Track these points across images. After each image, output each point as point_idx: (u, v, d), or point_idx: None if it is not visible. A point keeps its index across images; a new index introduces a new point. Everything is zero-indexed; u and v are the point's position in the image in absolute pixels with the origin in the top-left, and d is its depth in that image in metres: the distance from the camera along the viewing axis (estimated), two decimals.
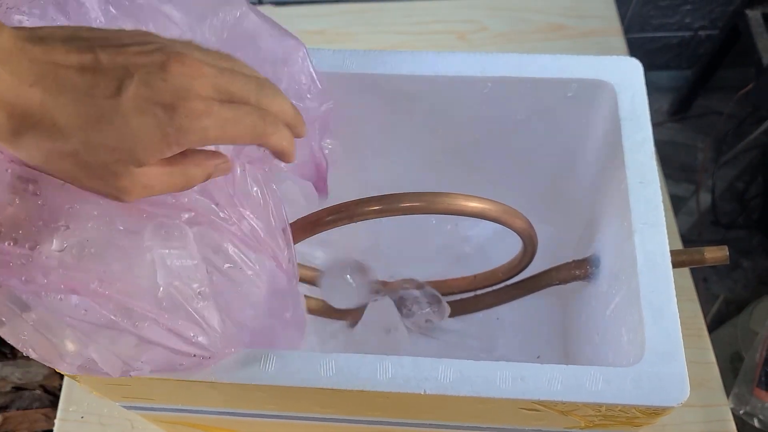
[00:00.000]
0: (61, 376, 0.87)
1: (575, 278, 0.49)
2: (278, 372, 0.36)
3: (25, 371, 0.85)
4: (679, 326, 0.37)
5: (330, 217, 0.43)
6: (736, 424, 0.58)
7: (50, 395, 0.86)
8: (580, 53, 0.47)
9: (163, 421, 0.48)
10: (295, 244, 0.44)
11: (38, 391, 0.86)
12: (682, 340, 0.37)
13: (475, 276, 0.54)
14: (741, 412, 0.85)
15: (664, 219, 0.40)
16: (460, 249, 0.62)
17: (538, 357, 0.58)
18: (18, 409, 0.84)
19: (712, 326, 1.06)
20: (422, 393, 0.36)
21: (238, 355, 0.36)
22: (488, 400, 0.36)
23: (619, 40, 0.82)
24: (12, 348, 0.90)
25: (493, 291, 0.55)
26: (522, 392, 0.35)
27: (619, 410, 0.36)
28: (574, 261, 0.49)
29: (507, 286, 0.54)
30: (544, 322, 0.59)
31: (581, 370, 0.36)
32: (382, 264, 0.59)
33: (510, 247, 0.52)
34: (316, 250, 0.60)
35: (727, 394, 0.61)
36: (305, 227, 0.44)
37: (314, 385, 0.36)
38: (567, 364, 0.37)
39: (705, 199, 1.22)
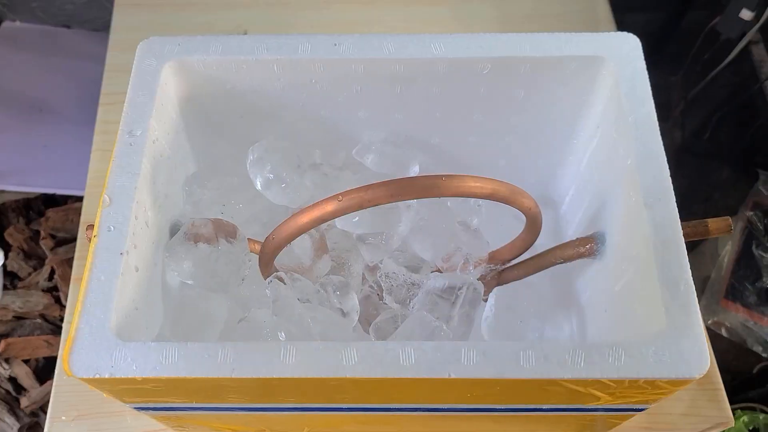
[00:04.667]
0: (61, 306, 0.88)
1: (580, 256, 0.49)
2: (299, 363, 0.36)
3: (26, 300, 0.86)
4: (696, 298, 0.37)
5: (339, 205, 0.42)
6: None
7: (51, 324, 0.86)
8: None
9: (175, 420, 0.47)
10: (300, 235, 0.44)
11: (39, 320, 0.86)
12: (699, 311, 0.37)
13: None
14: (709, 322, 0.93)
15: (672, 192, 0.41)
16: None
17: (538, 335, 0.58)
18: (20, 336, 0.84)
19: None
20: (447, 377, 0.36)
21: (258, 348, 0.36)
22: (512, 380, 0.36)
23: None
24: (12, 278, 0.91)
25: (496, 272, 0.55)
26: (546, 371, 0.36)
27: (642, 383, 0.36)
28: (578, 239, 0.49)
29: (509, 266, 0.54)
30: (545, 301, 0.60)
31: (603, 346, 0.36)
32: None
33: (503, 228, 0.52)
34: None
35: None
36: (313, 217, 0.43)
37: (336, 375, 0.36)
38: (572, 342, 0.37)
39: (677, 136, 1.23)
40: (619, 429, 0.51)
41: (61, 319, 0.58)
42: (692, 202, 1.22)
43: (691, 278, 0.38)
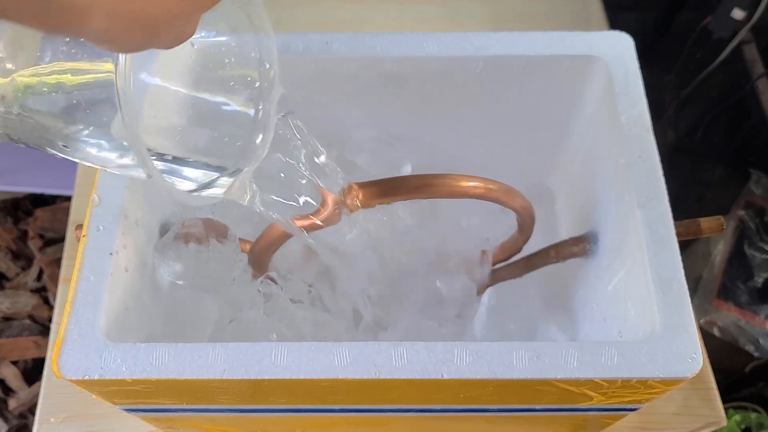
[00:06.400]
0: (50, 307, 0.87)
1: (573, 255, 0.49)
2: (291, 364, 0.35)
3: (14, 301, 0.85)
4: (688, 297, 0.37)
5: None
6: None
7: (39, 325, 0.86)
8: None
9: (165, 421, 0.47)
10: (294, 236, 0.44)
11: (27, 321, 0.86)
12: (692, 310, 0.37)
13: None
14: (701, 321, 0.93)
15: (665, 192, 0.41)
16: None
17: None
18: (8, 338, 0.83)
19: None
20: (440, 377, 0.35)
21: (249, 348, 0.36)
22: (505, 381, 0.36)
23: None
24: (0, 279, 0.90)
25: (489, 272, 0.55)
26: (539, 371, 0.35)
27: (635, 383, 0.36)
28: (571, 238, 0.49)
29: (502, 266, 0.54)
30: (538, 301, 0.59)
31: (596, 346, 0.36)
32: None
33: (496, 227, 0.52)
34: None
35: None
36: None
37: (328, 375, 0.35)
38: (565, 342, 0.37)
39: (670, 135, 1.23)
40: (611, 429, 0.51)
41: (50, 320, 0.58)
42: (685, 202, 1.22)
43: (684, 277, 0.38)
